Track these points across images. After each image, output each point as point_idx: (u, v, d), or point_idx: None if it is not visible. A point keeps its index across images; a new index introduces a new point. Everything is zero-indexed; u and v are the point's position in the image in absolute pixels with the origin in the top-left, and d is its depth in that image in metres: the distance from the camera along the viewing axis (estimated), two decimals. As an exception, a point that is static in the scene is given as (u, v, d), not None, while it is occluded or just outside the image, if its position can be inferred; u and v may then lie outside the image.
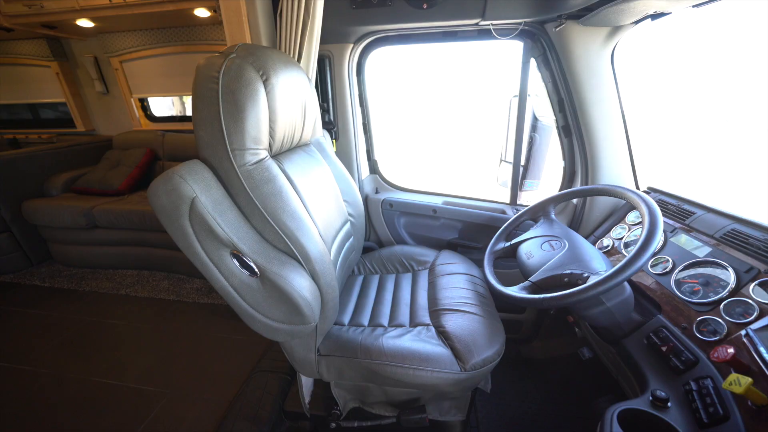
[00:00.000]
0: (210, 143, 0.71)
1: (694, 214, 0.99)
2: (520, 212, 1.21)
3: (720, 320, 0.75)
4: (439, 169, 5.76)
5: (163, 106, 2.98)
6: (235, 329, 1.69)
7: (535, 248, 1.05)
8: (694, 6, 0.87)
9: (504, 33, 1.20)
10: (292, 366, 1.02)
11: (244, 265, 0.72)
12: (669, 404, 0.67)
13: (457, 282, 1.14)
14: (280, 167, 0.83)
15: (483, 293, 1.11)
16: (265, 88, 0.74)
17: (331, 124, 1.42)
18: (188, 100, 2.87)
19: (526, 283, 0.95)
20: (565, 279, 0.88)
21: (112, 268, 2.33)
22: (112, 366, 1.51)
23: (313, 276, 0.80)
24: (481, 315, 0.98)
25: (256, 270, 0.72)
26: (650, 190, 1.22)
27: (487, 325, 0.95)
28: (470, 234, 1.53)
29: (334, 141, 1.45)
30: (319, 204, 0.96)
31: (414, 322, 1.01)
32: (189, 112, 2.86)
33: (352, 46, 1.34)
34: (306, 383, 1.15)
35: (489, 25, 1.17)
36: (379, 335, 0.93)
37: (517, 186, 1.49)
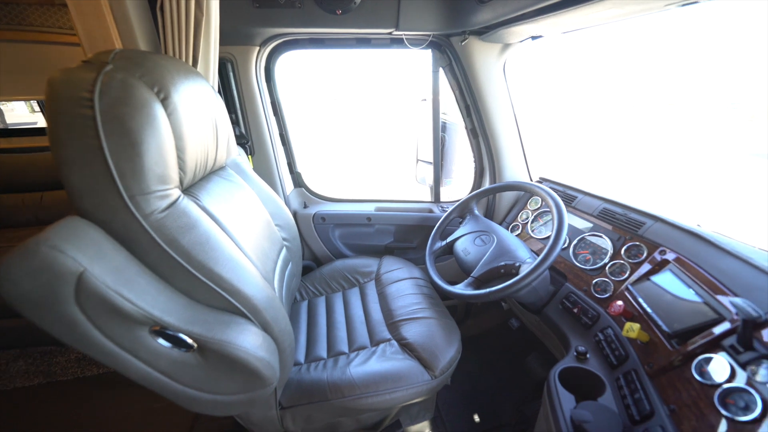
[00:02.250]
0: (92, 191, 0.52)
1: (576, 198, 1.25)
2: (449, 211, 1.31)
3: (608, 280, 0.97)
4: (361, 172, 5.79)
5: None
6: (151, 395, 1.35)
7: (469, 244, 1.16)
8: (563, 33, 1.07)
9: (415, 43, 1.25)
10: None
11: (173, 340, 0.57)
12: (588, 355, 0.84)
13: (405, 288, 1.16)
14: (198, 204, 0.67)
15: (430, 294, 1.16)
16: (165, 110, 0.58)
17: (244, 137, 1.25)
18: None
19: (470, 279, 1.05)
20: (501, 270, 1.00)
21: None
22: None
23: (266, 327, 0.69)
24: (435, 317, 1.03)
25: (192, 343, 0.58)
26: (542, 180, 1.49)
27: (442, 325, 1.01)
28: (404, 235, 1.58)
29: (249, 157, 1.27)
30: (252, 237, 0.83)
31: (375, 341, 0.99)
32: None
33: (258, 49, 1.19)
34: None
35: (402, 35, 1.20)
36: (344, 366, 0.88)
37: (439, 185, 1.60)
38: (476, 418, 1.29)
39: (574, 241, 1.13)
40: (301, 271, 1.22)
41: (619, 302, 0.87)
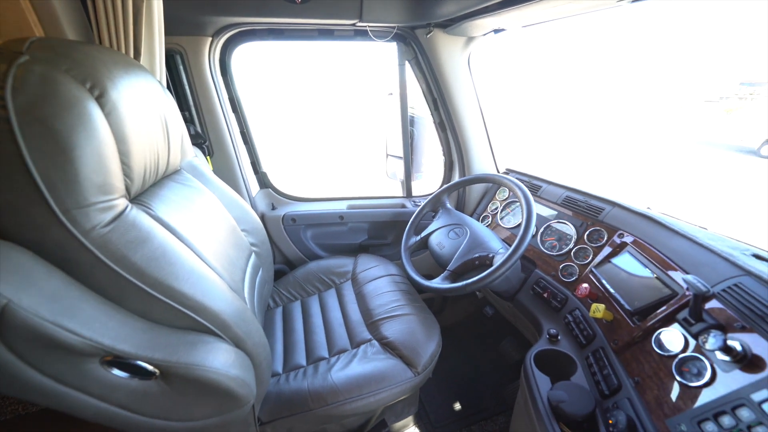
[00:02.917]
0: (14, 207, 0.44)
1: (541, 187, 1.31)
2: (422, 205, 1.31)
3: (573, 264, 1.03)
4: (331, 170, 5.65)
5: None
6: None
7: (443, 238, 1.17)
8: (523, 26, 1.09)
9: (380, 35, 1.22)
10: None
11: (130, 369, 0.50)
12: (559, 337, 0.89)
13: (382, 286, 1.15)
14: (150, 214, 0.60)
15: (408, 290, 1.16)
16: (102, 109, 0.51)
17: (201, 137, 1.15)
18: None
19: (446, 273, 1.06)
20: (476, 262, 1.02)
21: None
22: None
23: (238, 343, 0.64)
24: (414, 313, 1.03)
25: (153, 369, 0.52)
26: (508, 171, 1.54)
27: (422, 321, 1.01)
28: (378, 232, 1.57)
29: (208, 158, 1.18)
30: (216, 246, 0.77)
31: (355, 342, 0.97)
32: None
33: (210, 39, 1.09)
34: None
35: (366, 26, 1.16)
36: (325, 372, 0.85)
37: (410, 179, 1.60)
38: (457, 406, 1.33)
39: (541, 229, 1.18)
40: (273, 277, 1.16)
41: (585, 285, 0.92)
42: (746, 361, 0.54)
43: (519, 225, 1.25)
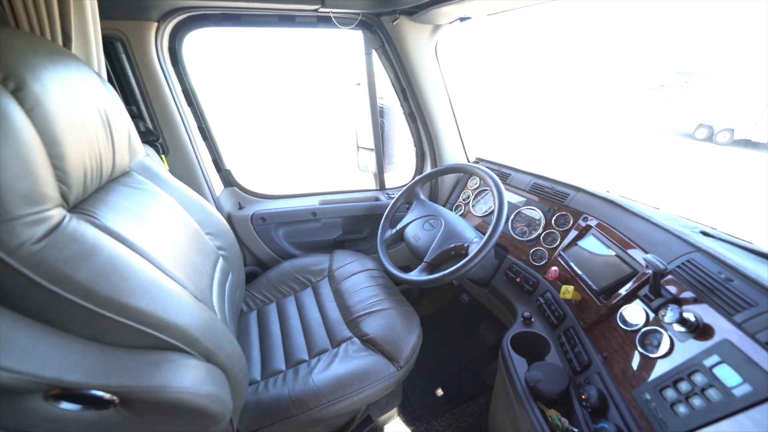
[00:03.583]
0: None
1: (510, 175, 1.34)
2: (396, 197, 1.30)
3: (543, 249, 1.07)
4: (300, 165, 5.44)
5: None
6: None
7: (418, 230, 1.17)
8: (488, 14, 1.09)
9: (344, 22, 1.17)
10: None
11: (83, 400, 0.45)
12: (532, 319, 0.93)
13: (360, 282, 1.13)
14: (95, 224, 0.54)
15: (386, 284, 1.15)
16: (21, 105, 0.43)
17: (152, 134, 1.04)
18: None
19: (423, 264, 1.06)
20: (452, 252, 1.03)
21: None
22: None
23: (208, 357, 0.59)
24: (393, 307, 1.03)
25: (111, 397, 0.46)
26: (478, 160, 1.56)
27: (401, 314, 1.01)
28: (353, 227, 1.54)
29: (163, 157, 1.08)
30: (177, 254, 0.70)
31: (335, 341, 0.95)
32: None
33: (156, 25, 0.99)
34: None
35: (329, 12, 1.11)
36: (306, 376, 0.82)
37: (383, 172, 1.58)
38: (440, 392, 1.36)
39: (511, 216, 1.22)
40: (245, 280, 1.10)
41: (554, 268, 0.96)
42: (699, 331, 0.59)
43: (490, 213, 1.29)
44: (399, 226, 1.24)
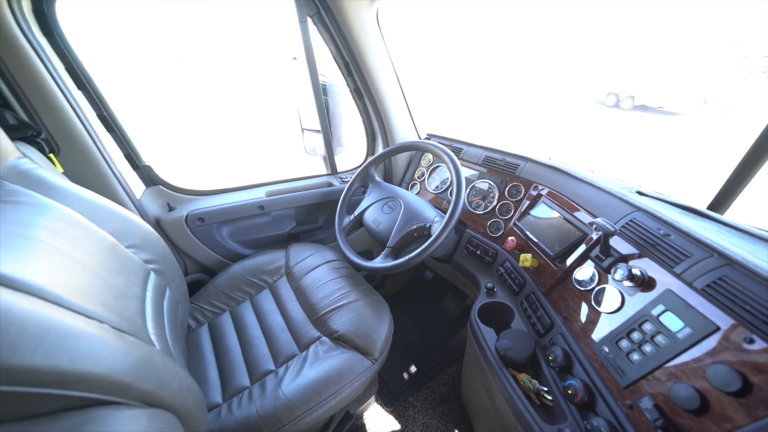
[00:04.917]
0: None
1: (462, 149, 1.34)
2: (350, 181, 1.23)
3: (499, 220, 1.10)
4: (238, 154, 4.88)
5: None
6: None
7: (378, 214, 1.12)
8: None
9: (271, -16, 1.01)
10: None
11: None
12: (495, 289, 0.96)
13: (322, 276, 1.06)
14: None
15: (349, 274, 1.10)
16: None
17: (30, 127, 0.80)
18: None
19: (387, 250, 1.02)
20: (415, 234, 1.01)
21: None
22: None
23: (148, 400, 0.48)
24: (361, 298, 0.99)
25: None
26: (430, 136, 1.54)
27: (370, 304, 0.97)
28: (307, 216, 1.43)
29: (52, 157, 0.85)
30: (87, 280, 0.55)
31: (303, 344, 0.89)
32: None
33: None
34: None
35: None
36: (274, 388, 0.75)
37: (333, 155, 1.48)
38: (413, 368, 1.39)
39: (467, 190, 1.23)
40: (188, 292, 0.96)
41: (511, 238, 0.99)
42: (645, 284, 0.64)
43: (445, 189, 1.29)
44: (357, 212, 1.18)
